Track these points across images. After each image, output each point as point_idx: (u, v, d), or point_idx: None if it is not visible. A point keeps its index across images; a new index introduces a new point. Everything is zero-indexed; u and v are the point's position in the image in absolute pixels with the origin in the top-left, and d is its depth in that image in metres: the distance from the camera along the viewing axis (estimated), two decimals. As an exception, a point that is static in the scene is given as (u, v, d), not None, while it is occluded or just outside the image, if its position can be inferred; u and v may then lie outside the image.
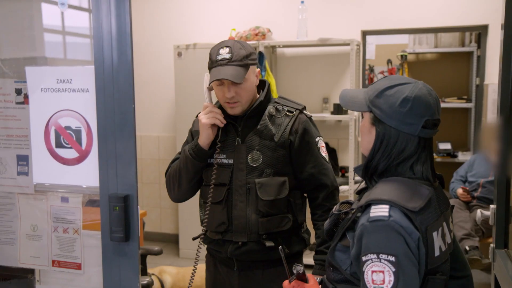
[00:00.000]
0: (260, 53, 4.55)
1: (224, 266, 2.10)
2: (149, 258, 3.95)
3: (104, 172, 1.43)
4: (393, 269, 1.28)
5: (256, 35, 4.86)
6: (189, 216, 4.98)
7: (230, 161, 2.02)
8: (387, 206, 1.34)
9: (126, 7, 1.37)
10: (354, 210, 1.44)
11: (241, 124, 2.04)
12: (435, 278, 1.38)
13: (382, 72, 6.50)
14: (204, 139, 2.00)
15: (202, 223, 2.10)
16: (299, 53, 5.03)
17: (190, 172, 2.05)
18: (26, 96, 1.51)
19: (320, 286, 1.60)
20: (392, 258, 1.28)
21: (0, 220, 1.58)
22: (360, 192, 1.59)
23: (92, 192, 1.48)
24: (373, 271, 1.30)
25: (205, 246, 2.19)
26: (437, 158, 5.76)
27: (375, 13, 4.76)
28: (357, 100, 1.50)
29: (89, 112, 1.45)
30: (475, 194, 4.36)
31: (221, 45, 1.97)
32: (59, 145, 1.49)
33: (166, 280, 3.96)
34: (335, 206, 1.57)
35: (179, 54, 4.88)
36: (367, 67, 6.42)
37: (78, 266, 1.52)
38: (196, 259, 2.09)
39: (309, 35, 4.70)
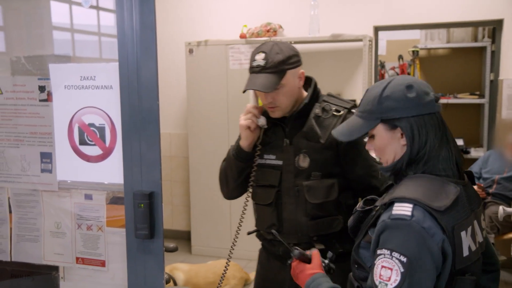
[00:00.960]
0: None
1: (277, 261, 2.10)
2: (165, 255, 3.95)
3: (129, 169, 1.43)
4: (402, 270, 1.28)
5: (268, 31, 4.85)
6: (201, 213, 4.99)
7: (280, 162, 2.01)
8: (411, 205, 1.33)
9: (150, 3, 1.36)
10: (378, 207, 1.44)
11: (289, 125, 2.01)
12: (464, 279, 1.36)
13: (393, 68, 6.47)
14: (244, 140, 2.02)
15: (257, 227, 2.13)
16: (311, 49, 5.01)
17: (234, 172, 2.07)
18: (49, 94, 1.50)
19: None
20: (404, 259, 1.28)
21: (24, 218, 1.58)
22: (386, 190, 1.58)
23: (116, 189, 1.48)
24: (382, 266, 1.30)
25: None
26: (449, 154, 5.71)
27: (387, 9, 4.73)
28: (358, 125, 1.50)
29: (113, 109, 1.45)
30: (490, 190, 4.33)
31: (259, 49, 1.95)
32: (82, 142, 1.49)
33: (179, 277, 3.96)
34: (358, 203, 1.57)
35: (191, 51, 4.87)
36: (378, 63, 6.40)
37: (102, 263, 1.52)
38: (229, 255, 2.12)
39: (321, 31, 4.68)
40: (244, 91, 1.97)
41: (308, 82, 2.07)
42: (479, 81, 6.10)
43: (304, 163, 1.96)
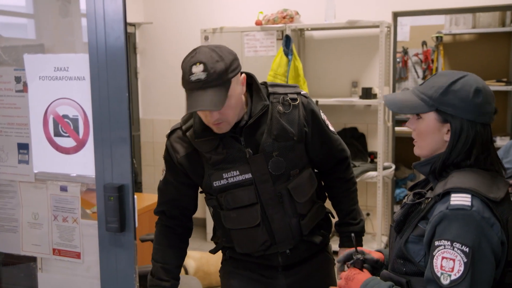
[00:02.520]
0: (287, 36, 4.46)
1: (266, 271, 1.98)
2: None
3: (100, 161, 1.41)
4: (465, 260, 1.28)
5: (284, 18, 4.77)
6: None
7: (248, 175, 1.81)
8: (469, 195, 1.33)
9: (118, -7, 1.33)
10: (430, 199, 1.43)
11: (243, 134, 1.81)
12: None
13: (416, 55, 6.30)
14: None
15: (226, 242, 1.96)
16: (327, 36, 4.91)
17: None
18: (25, 84, 1.50)
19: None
20: (466, 249, 1.28)
21: (4, 208, 1.59)
22: (413, 188, 1.58)
23: (90, 182, 1.47)
24: (443, 257, 1.30)
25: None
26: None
27: (406, -7, 4.59)
28: (412, 103, 1.50)
29: (86, 100, 1.43)
30: (511, 181, 4.18)
31: (193, 59, 1.67)
32: (57, 133, 1.48)
33: (190, 265, 3.97)
34: (406, 197, 1.56)
35: (206, 38, 4.84)
36: (400, 49, 6.24)
37: (78, 255, 1.52)
38: None
39: (338, 17, 4.58)
40: (188, 113, 1.75)
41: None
42: (506, 68, 5.88)
43: (280, 167, 1.82)
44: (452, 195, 1.36)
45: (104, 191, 1.39)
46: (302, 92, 1.91)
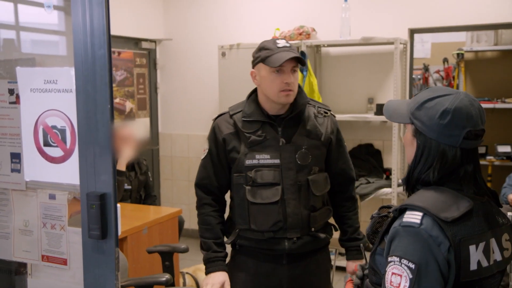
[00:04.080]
0: (302, 53, 4.50)
1: (269, 263, 2.17)
2: (187, 256, 4.00)
3: (84, 170, 1.46)
4: (410, 276, 1.31)
5: (300, 34, 4.82)
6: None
7: (277, 161, 2.09)
8: (421, 214, 1.36)
9: (102, 7, 1.39)
10: (391, 213, 1.48)
11: (282, 125, 2.12)
12: None
13: (438, 71, 6.24)
14: None
15: (243, 223, 2.16)
16: (343, 52, 4.93)
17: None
18: (17, 96, 1.56)
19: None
20: (412, 266, 1.31)
21: (-3, 215, 1.65)
22: None
23: (76, 190, 1.52)
24: (393, 273, 1.34)
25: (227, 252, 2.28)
26: (496, 162, 5.47)
27: (424, 10, 4.58)
28: (399, 112, 1.53)
29: (72, 112, 1.48)
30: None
31: (273, 39, 2.12)
32: (46, 143, 1.54)
33: (201, 278, 3.99)
34: (376, 210, 1.62)
35: (223, 54, 4.92)
36: (421, 66, 6.20)
37: (64, 262, 1.56)
38: None
39: (353, 34, 4.59)
40: (281, 65, 2.03)
41: None
42: (528, 85, 5.78)
43: (305, 159, 2.11)
44: (407, 212, 1.39)
45: (87, 199, 1.44)
46: (332, 111, 2.27)
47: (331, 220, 2.32)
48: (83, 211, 1.46)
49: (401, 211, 1.42)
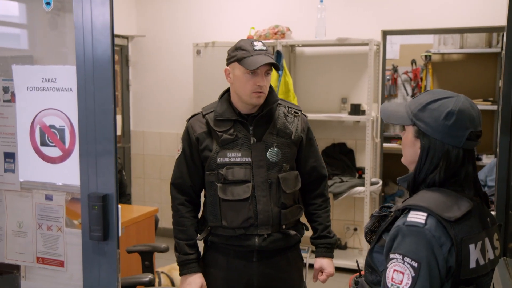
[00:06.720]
0: (278, 52, 4.52)
1: (240, 260, 2.20)
2: (163, 255, 3.96)
3: (85, 171, 1.44)
4: (413, 274, 1.35)
5: (275, 34, 4.83)
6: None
7: (248, 159, 2.14)
8: (425, 214, 1.40)
9: (106, 6, 1.37)
10: (393, 213, 1.51)
11: (253, 124, 2.16)
12: None
13: (406, 73, 6.39)
14: None
15: (214, 220, 2.18)
16: (318, 52, 4.98)
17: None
18: (13, 94, 1.52)
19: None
20: (415, 264, 1.35)
21: (-12, 216, 1.60)
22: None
23: (75, 191, 1.49)
24: (395, 270, 1.37)
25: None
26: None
27: (396, 13, 4.67)
28: (399, 114, 1.56)
29: (72, 111, 1.46)
30: (493, 199, 4.22)
31: (250, 40, 2.13)
32: (44, 143, 1.51)
33: (177, 277, 3.97)
34: (376, 209, 1.65)
35: (198, 52, 4.89)
36: (390, 67, 6.32)
37: (61, 264, 1.54)
38: None
39: (328, 34, 4.64)
40: (256, 69, 2.06)
41: None
42: (492, 88, 5.98)
43: (276, 157, 2.16)
44: (411, 212, 1.42)
45: (88, 200, 1.42)
46: (302, 111, 2.31)
47: (303, 220, 2.36)
48: (84, 212, 1.44)
49: (404, 210, 1.45)
